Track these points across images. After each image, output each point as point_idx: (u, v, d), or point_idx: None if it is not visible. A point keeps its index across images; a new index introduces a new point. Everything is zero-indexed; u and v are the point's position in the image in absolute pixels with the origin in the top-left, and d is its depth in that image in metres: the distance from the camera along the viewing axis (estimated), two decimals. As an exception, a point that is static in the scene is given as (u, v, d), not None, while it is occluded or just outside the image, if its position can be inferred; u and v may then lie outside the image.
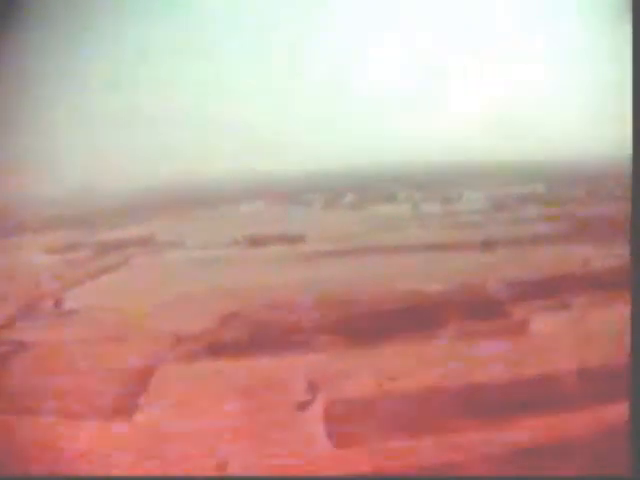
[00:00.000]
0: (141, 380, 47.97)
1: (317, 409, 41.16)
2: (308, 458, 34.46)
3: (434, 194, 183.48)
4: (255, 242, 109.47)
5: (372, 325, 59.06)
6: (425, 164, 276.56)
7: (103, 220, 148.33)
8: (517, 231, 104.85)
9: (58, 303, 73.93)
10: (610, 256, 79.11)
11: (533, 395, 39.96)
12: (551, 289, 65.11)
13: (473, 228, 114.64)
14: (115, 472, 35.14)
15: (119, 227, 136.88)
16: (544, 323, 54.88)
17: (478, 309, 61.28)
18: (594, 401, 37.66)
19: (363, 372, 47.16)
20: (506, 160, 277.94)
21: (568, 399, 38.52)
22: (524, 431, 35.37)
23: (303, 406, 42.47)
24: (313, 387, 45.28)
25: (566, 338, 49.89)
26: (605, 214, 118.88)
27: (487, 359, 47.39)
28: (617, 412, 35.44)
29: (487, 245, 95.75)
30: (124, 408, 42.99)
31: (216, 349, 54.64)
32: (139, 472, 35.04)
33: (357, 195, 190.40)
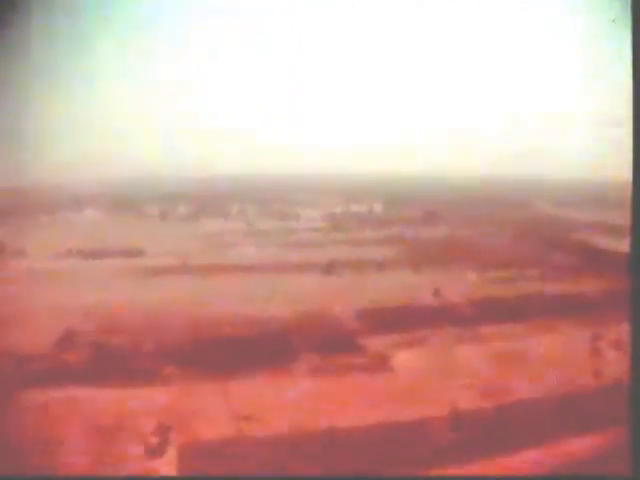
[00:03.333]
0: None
1: (170, 454, 36.93)
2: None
3: (269, 210, 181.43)
4: (92, 254, 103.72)
5: (219, 354, 55.25)
6: (261, 177, 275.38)
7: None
8: (359, 254, 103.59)
9: None
10: (460, 283, 78.95)
11: (404, 446, 37.24)
12: (404, 321, 63.29)
13: (312, 249, 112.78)
14: None
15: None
16: (404, 360, 52.61)
17: (330, 340, 58.63)
18: (466, 452, 35.31)
19: (216, 409, 43.36)
20: (343, 175, 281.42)
21: (440, 450, 35.97)
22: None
23: (154, 450, 38.14)
24: (163, 428, 41.02)
25: (431, 378, 47.85)
26: (448, 237, 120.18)
27: (350, 399, 44.60)
28: (501, 464, 33.57)
29: (329, 268, 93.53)
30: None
31: (59, 374, 49.33)
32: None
33: (191, 207, 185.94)
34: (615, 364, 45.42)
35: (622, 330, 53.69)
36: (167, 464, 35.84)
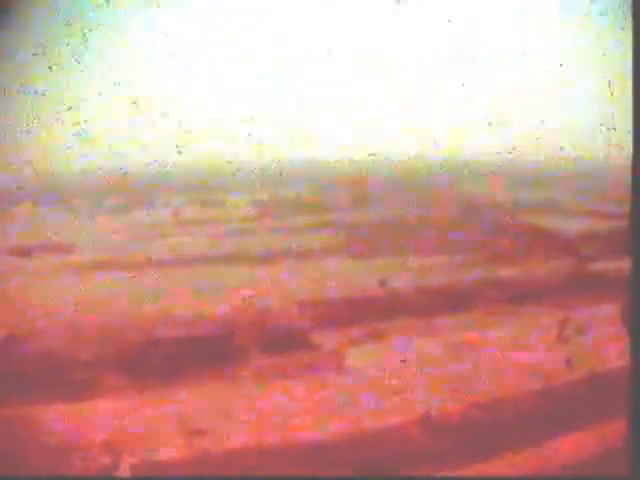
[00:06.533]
0: None
1: (123, 475, 33.71)
2: None
3: (194, 198, 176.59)
4: (23, 253, 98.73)
5: (162, 360, 51.67)
6: (183, 164, 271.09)
7: None
8: (295, 242, 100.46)
9: None
10: (405, 270, 76.15)
11: (373, 455, 34.74)
12: (354, 314, 60.32)
13: (244, 237, 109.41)
14: None
15: None
16: (360, 359, 49.62)
17: (278, 337, 55.52)
18: (442, 459, 33.05)
19: (165, 425, 40.08)
20: (269, 160, 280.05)
21: (413, 458, 33.64)
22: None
23: (106, 472, 35.00)
24: (113, 447, 37.89)
25: (391, 377, 45.33)
26: (384, 221, 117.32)
27: (305, 405, 41.83)
28: (479, 470, 31.62)
29: (265, 258, 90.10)
30: None
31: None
32: None
33: (119, 199, 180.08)
34: (584, 351, 44.06)
35: (584, 314, 52.72)
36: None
